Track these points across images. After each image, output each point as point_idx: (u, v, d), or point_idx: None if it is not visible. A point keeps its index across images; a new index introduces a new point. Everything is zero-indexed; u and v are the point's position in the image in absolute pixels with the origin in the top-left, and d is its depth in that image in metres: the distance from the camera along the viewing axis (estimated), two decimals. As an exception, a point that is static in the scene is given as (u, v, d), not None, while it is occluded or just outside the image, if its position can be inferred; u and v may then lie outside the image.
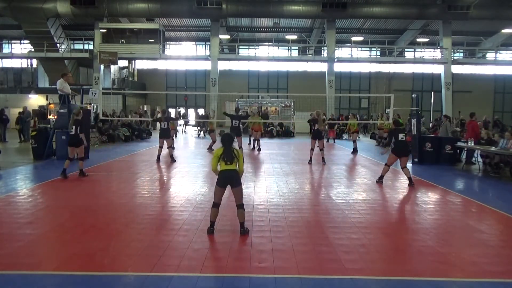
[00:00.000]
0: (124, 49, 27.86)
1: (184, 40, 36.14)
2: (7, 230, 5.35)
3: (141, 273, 4.04)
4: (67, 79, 12.52)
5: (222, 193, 5.26)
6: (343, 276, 4.04)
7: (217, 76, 28.54)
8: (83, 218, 5.97)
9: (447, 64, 29.08)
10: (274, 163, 12.22)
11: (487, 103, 35.28)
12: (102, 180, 9.41)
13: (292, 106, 27.25)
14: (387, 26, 32.52)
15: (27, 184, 8.59)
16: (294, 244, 4.92)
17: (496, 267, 4.38)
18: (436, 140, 12.92)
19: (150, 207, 6.70)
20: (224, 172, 5.15)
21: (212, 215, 5.27)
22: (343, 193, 8.09)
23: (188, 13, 27.81)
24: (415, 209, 7.06)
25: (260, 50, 33.03)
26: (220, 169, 5.20)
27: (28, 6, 26.17)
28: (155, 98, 35.54)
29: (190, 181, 9.19)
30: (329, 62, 28.81)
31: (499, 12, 27.04)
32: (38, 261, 4.34)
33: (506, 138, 10.50)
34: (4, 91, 30.58)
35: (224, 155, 5.12)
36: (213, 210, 5.26)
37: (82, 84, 27.54)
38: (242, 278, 3.95)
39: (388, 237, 5.43)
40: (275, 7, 27.34)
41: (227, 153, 5.13)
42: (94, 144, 16.63)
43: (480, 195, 8.40)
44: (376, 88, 35.42)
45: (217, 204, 5.25)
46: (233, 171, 5.16)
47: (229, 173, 5.14)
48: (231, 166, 5.14)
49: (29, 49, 29.50)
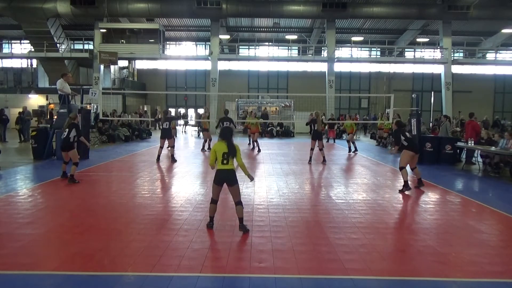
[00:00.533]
0: (124, 49, 27.84)
1: (184, 40, 36.13)
2: (7, 230, 5.36)
3: (141, 273, 4.05)
4: (67, 79, 12.52)
5: (219, 190, 5.44)
6: (343, 276, 4.04)
7: (217, 76, 28.53)
8: (83, 218, 5.97)
9: (447, 64, 29.06)
10: (274, 163, 12.22)
11: (487, 103, 35.27)
12: (102, 180, 9.41)
13: (292, 106, 27.24)
14: (387, 26, 32.50)
15: (27, 184, 8.59)
16: (294, 244, 4.92)
17: (496, 267, 4.38)
18: (436, 140, 12.92)
19: (150, 207, 6.70)
20: (221, 171, 5.29)
21: (211, 210, 5.51)
22: (343, 193, 8.09)
23: (188, 13, 27.79)
24: (415, 209, 7.06)
25: (260, 50, 33.00)
26: (217, 168, 5.33)
27: (28, 6, 26.15)
28: (155, 98, 35.53)
29: (190, 181, 9.19)
30: (329, 62, 28.80)
31: (499, 12, 27.01)
32: (38, 261, 4.34)
33: (506, 138, 10.50)
34: (4, 91, 30.58)
35: (228, 151, 5.23)
36: (212, 206, 5.49)
37: (82, 84, 27.54)
38: (242, 278, 3.95)
39: (388, 237, 5.43)
40: (275, 7, 27.32)
41: (230, 147, 5.25)
42: (94, 144, 16.64)
43: (480, 195, 8.40)
44: (376, 88, 35.41)
45: (215, 200, 5.46)
46: (230, 171, 5.29)
47: (225, 172, 5.28)
48: (228, 165, 5.27)
49: (29, 49, 29.48)
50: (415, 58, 31.85)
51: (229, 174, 5.28)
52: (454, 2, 26.67)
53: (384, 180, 9.72)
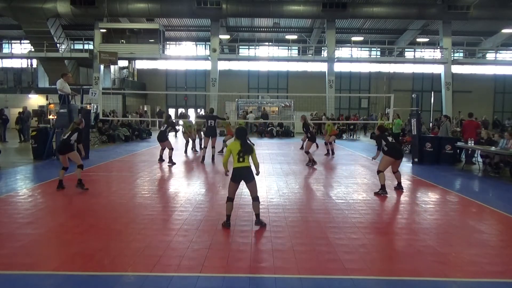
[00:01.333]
0: (124, 49, 27.86)
1: (184, 40, 36.13)
2: (7, 230, 5.35)
3: (141, 273, 4.04)
4: (67, 79, 12.51)
5: (235, 188, 5.52)
6: (343, 276, 4.04)
7: (217, 76, 28.54)
8: (83, 218, 5.97)
9: (447, 64, 29.08)
10: (274, 163, 12.22)
11: (487, 103, 35.25)
12: (102, 180, 9.41)
13: (292, 106, 27.25)
14: (387, 26, 32.51)
15: (27, 184, 8.59)
16: (294, 244, 4.92)
17: (496, 267, 4.38)
18: (436, 140, 12.92)
19: (150, 207, 6.70)
20: (238, 169, 5.40)
21: (228, 209, 5.52)
22: (343, 193, 8.09)
23: (188, 13, 27.81)
24: (415, 209, 7.05)
25: (260, 50, 33.01)
26: (233, 166, 5.43)
27: (28, 6, 26.16)
28: (155, 98, 35.52)
29: (190, 181, 9.19)
30: (329, 62, 28.81)
31: (499, 12, 27.04)
32: (38, 261, 4.34)
33: (506, 138, 10.50)
34: (4, 91, 30.57)
35: (242, 149, 5.36)
36: (228, 204, 5.51)
37: (82, 84, 27.54)
38: (242, 278, 3.95)
39: (388, 237, 5.43)
40: (275, 7, 27.34)
41: (245, 146, 5.39)
42: (94, 144, 16.64)
43: (480, 195, 8.40)
44: (376, 88, 35.41)
45: (231, 198, 5.51)
46: (247, 168, 5.42)
47: (242, 170, 5.40)
48: (244, 163, 5.40)
49: (29, 49, 29.49)
50: (415, 58, 31.88)
51: (246, 171, 5.40)
52: (454, 2, 26.69)
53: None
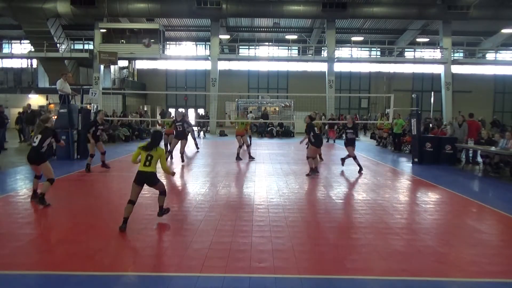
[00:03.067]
0: (124, 49, 27.83)
1: (184, 40, 36.13)
2: (7, 230, 5.35)
3: (141, 273, 4.05)
4: (67, 79, 12.52)
5: (138, 191, 5.47)
6: (343, 276, 4.04)
7: (217, 76, 28.53)
8: (83, 218, 5.97)
9: (447, 64, 29.06)
10: (274, 163, 12.22)
11: (487, 103, 35.26)
12: (102, 180, 9.41)
13: (292, 106, 27.23)
14: (387, 26, 32.50)
15: (27, 184, 8.58)
16: (294, 244, 4.92)
17: (496, 267, 4.38)
18: (436, 140, 12.91)
19: (150, 207, 6.70)
20: (141, 172, 5.41)
21: (127, 211, 5.39)
22: (343, 193, 8.09)
23: (188, 13, 27.79)
24: (415, 209, 7.06)
25: (260, 50, 33.00)
26: (138, 169, 5.45)
27: (28, 6, 26.14)
28: (155, 98, 35.53)
29: (190, 181, 9.19)
30: (329, 62, 28.79)
31: (499, 12, 27.01)
32: (38, 261, 4.34)
33: (506, 138, 10.50)
34: (4, 91, 30.55)
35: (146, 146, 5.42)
36: (128, 206, 5.40)
37: (82, 84, 27.52)
38: (242, 278, 3.95)
39: (388, 237, 5.42)
40: (275, 7, 27.32)
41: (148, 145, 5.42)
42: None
43: (480, 195, 8.40)
44: (376, 88, 35.41)
45: (133, 201, 5.42)
46: (151, 173, 5.43)
47: (146, 174, 5.40)
48: (149, 168, 5.41)
49: (29, 49, 29.46)
50: (415, 58, 31.85)
51: (149, 175, 5.42)
52: (454, 2, 26.67)
53: (384, 180, 9.73)
